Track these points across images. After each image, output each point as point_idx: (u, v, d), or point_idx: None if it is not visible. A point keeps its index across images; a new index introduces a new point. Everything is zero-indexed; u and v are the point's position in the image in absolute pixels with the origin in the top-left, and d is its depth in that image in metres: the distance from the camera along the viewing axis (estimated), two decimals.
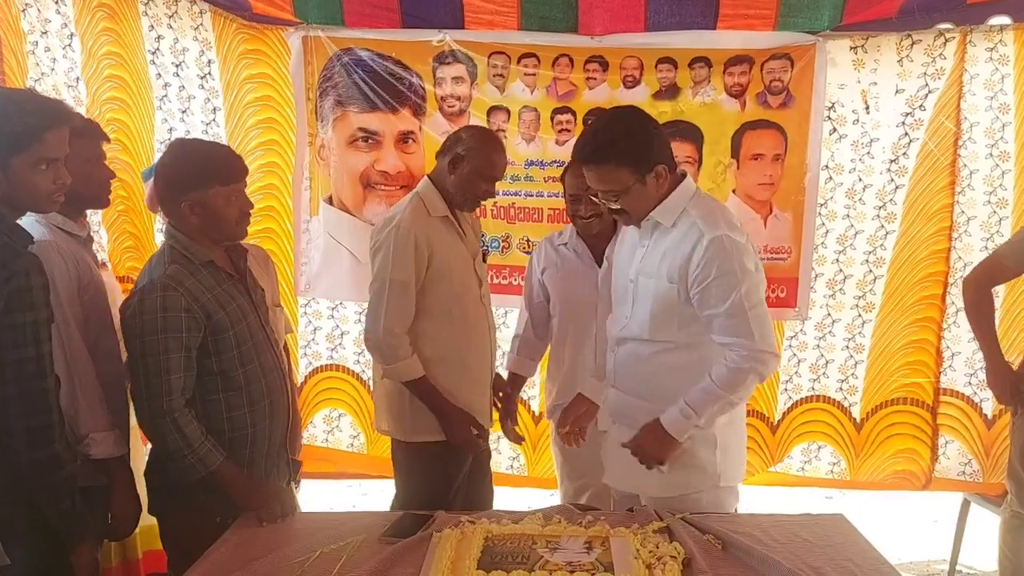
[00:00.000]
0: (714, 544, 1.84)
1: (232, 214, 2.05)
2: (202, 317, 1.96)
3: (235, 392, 2.04)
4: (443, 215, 2.54)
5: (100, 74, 3.07)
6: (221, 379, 2.02)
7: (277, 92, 3.43)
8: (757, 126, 3.36)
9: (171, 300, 1.92)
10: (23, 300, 1.69)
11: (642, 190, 2.02)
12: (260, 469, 2.11)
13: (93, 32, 3.04)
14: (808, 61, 3.29)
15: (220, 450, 1.98)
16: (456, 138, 2.56)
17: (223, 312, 2.01)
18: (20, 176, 1.73)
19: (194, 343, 1.96)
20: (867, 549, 1.85)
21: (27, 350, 1.69)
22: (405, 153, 3.44)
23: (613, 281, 2.30)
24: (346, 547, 1.85)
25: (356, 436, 3.70)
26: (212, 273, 2.05)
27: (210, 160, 2.05)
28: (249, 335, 2.07)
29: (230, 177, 2.04)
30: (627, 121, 2.05)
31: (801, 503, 3.52)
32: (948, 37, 3.22)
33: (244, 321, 2.07)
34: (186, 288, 1.96)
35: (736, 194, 3.40)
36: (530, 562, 1.71)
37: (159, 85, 3.28)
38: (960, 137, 3.29)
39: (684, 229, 2.04)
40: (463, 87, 3.38)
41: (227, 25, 3.30)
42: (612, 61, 3.33)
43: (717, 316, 2.02)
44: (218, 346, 2.00)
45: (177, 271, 1.97)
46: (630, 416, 2.16)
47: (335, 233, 3.49)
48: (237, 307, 2.06)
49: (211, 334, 1.99)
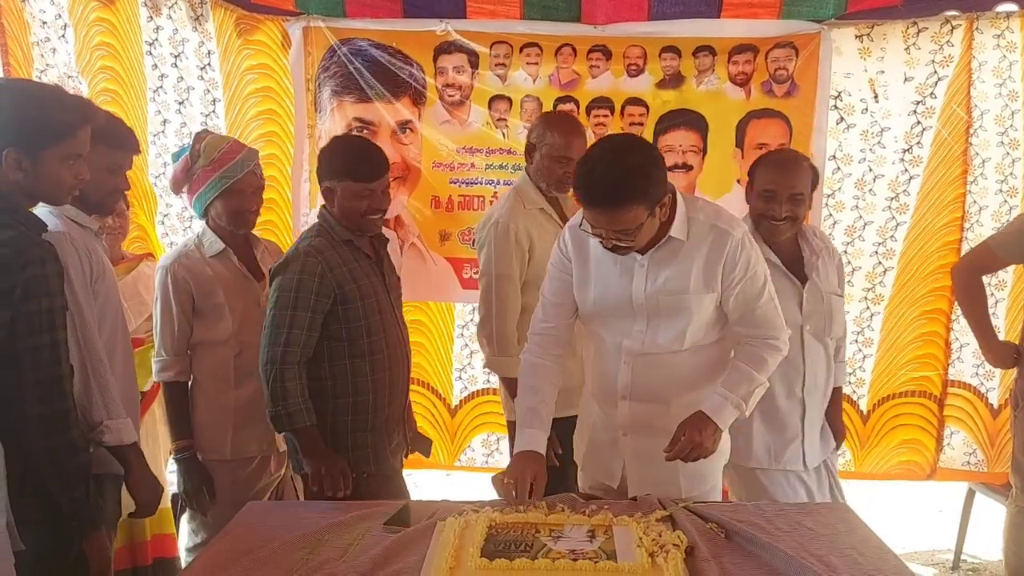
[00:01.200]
0: (717, 532, 1.82)
1: (359, 209, 2.26)
2: (334, 285, 2.21)
3: (360, 359, 2.27)
4: (539, 207, 2.62)
5: (93, 65, 3.05)
6: (348, 345, 2.26)
7: (277, 83, 3.41)
8: (762, 115, 3.35)
9: (309, 265, 2.19)
10: (39, 287, 1.69)
11: (652, 223, 1.94)
12: (381, 434, 2.33)
13: (86, 22, 3.02)
14: (813, 50, 3.27)
15: (311, 415, 2.19)
16: (530, 128, 2.69)
17: (354, 285, 2.24)
18: (48, 168, 1.77)
19: (323, 307, 2.20)
20: (871, 538, 1.84)
21: (43, 337, 1.70)
22: (401, 144, 3.42)
23: (600, 294, 2.09)
24: (350, 535, 1.84)
25: None
26: (351, 250, 2.29)
27: (350, 156, 2.28)
28: (378, 311, 2.29)
29: (362, 176, 2.24)
30: (634, 157, 1.90)
31: None
32: (955, 24, 3.20)
33: (374, 297, 2.29)
34: (324, 258, 2.21)
35: (741, 184, 3.38)
36: (533, 550, 1.70)
37: (155, 76, 3.26)
38: (971, 125, 3.27)
39: (703, 235, 2.00)
40: (464, 76, 3.36)
41: (227, 16, 3.29)
42: (615, 50, 3.32)
43: (757, 309, 2.02)
44: (347, 314, 2.23)
45: (320, 243, 2.24)
46: (650, 424, 2.09)
47: None
48: (369, 284, 2.29)
49: (341, 303, 2.22)
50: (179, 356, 2.44)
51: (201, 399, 2.47)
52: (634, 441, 2.13)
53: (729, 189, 3.36)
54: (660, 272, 2.02)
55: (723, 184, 3.39)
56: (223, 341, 2.44)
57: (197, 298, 2.42)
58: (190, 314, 2.43)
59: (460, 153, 3.43)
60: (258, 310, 2.45)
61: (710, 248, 1.99)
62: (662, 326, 2.04)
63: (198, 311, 2.43)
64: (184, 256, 2.44)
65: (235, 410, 2.46)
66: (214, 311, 2.43)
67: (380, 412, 2.32)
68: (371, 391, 2.29)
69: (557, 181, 2.61)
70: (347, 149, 2.34)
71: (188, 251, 2.46)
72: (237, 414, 2.46)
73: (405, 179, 3.44)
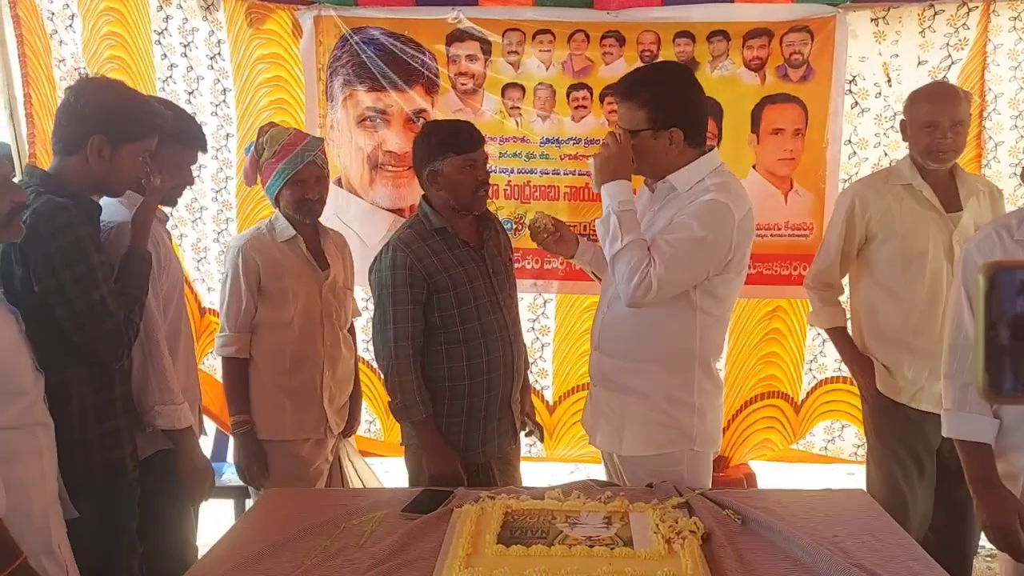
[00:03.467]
0: (733, 519, 1.82)
1: (468, 182, 2.29)
2: (423, 276, 2.26)
3: (455, 345, 2.32)
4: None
5: (101, 55, 3.07)
6: (442, 332, 2.31)
7: (288, 72, 3.40)
8: (777, 100, 3.31)
9: (398, 259, 2.26)
10: (76, 251, 1.82)
11: (652, 143, 2.04)
12: (478, 418, 2.36)
13: (95, 12, 3.04)
14: (828, 33, 3.23)
15: (428, 407, 2.28)
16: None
17: (445, 274, 2.28)
18: (124, 161, 1.94)
19: (419, 297, 2.27)
20: (888, 524, 1.84)
21: (94, 294, 1.84)
22: (414, 133, 3.40)
23: None
24: (367, 522, 1.86)
25: (372, 422, 3.69)
26: (444, 239, 2.32)
27: (447, 132, 2.33)
28: (473, 297, 2.32)
29: (465, 146, 2.28)
30: (666, 73, 2.13)
31: (823, 480, 3.50)
32: (971, 6, 3.15)
33: (469, 284, 2.32)
34: (412, 250, 2.27)
35: (756, 170, 3.35)
36: (550, 537, 1.71)
37: (164, 66, 3.26)
38: (985, 108, 3.23)
39: (695, 197, 2.03)
40: (476, 65, 3.34)
41: (238, 5, 3.27)
42: (629, 36, 3.28)
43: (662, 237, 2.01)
44: (439, 303, 2.29)
45: (409, 235, 2.31)
46: (610, 379, 2.19)
47: (343, 216, 3.39)
48: (463, 271, 2.32)
49: (433, 292, 2.28)
50: (241, 334, 2.51)
51: (257, 378, 2.54)
52: (596, 392, 2.24)
53: (745, 175, 3.33)
54: (659, 216, 2.09)
55: (737, 171, 3.31)
56: (284, 324, 2.51)
57: (264, 280, 2.50)
58: (256, 294, 2.50)
59: None
60: (320, 298, 2.56)
61: (689, 205, 2.02)
62: None
63: (263, 292, 2.51)
64: (256, 238, 2.53)
65: (290, 391, 2.54)
66: (279, 294, 2.50)
67: (477, 398, 2.35)
68: (467, 376, 2.33)
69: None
70: (442, 127, 2.42)
71: (260, 234, 2.55)
72: (291, 395, 2.54)
73: None
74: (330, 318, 2.61)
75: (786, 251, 3.37)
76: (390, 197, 3.44)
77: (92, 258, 1.85)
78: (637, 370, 2.13)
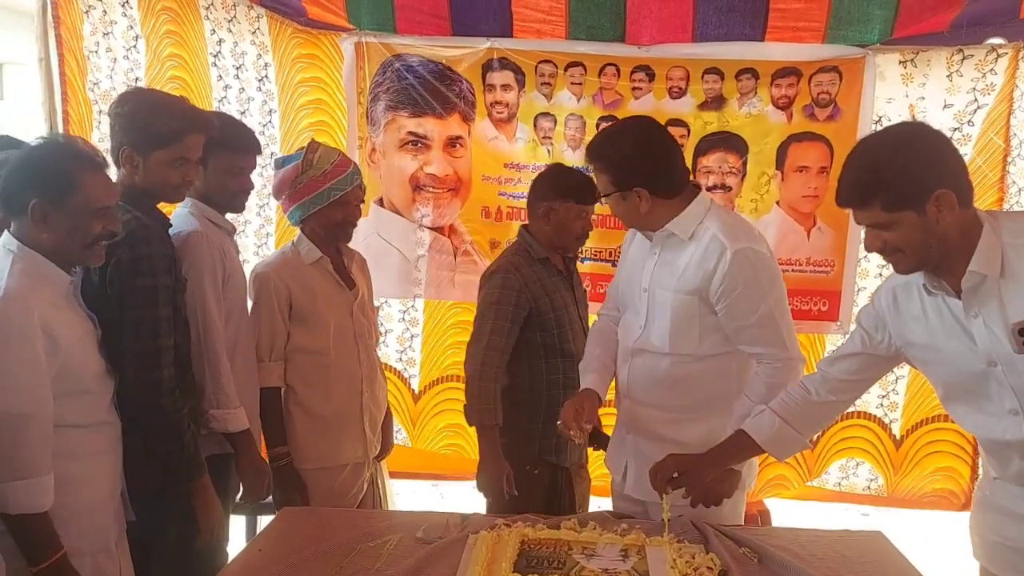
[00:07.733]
0: (750, 557, 1.85)
1: (576, 230, 2.52)
2: (529, 299, 2.46)
3: (554, 360, 2.51)
4: None
5: (164, 75, 3.19)
6: (544, 349, 2.51)
7: (329, 96, 3.50)
8: (803, 138, 3.35)
9: (509, 281, 2.46)
10: (144, 266, 1.90)
11: (624, 204, 2.07)
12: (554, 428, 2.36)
13: (157, 34, 3.15)
14: (857, 74, 3.28)
15: (498, 416, 2.42)
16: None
17: (547, 298, 2.49)
18: (156, 168, 2.00)
19: (520, 317, 2.46)
20: (906, 568, 1.85)
21: (144, 312, 1.90)
22: (453, 157, 3.50)
23: (622, 285, 2.29)
24: (383, 545, 1.89)
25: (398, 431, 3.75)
26: (545, 268, 2.54)
27: (574, 180, 2.53)
28: (568, 321, 2.53)
29: (586, 199, 2.48)
30: (624, 136, 2.10)
31: (837, 519, 3.50)
32: (1000, 53, 3.18)
33: (565, 310, 2.53)
34: (521, 274, 2.48)
35: (780, 206, 3.40)
36: (566, 568, 1.74)
37: (220, 87, 3.38)
38: (1009, 153, 3.25)
39: (704, 243, 2.03)
40: (511, 94, 3.42)
41: (283, 29, 3.38)
42: (658, 71, 3.35)
43: (747, 327, 2.03)
44: (542, 324, 2.49)
45: (518, 260, 2.52)
46: (648, 428, 2.18)
47: (385, 234, 3.55)
48: (560, 297, 2.53)
49: (536, 314, 2.48)
50: (276, 362, 2.44)
51: (296, 408, 2.48)
52: (634, 441, 2.22)
53: (768, 210, 3.37)
54: (666, 265, 2.11)
55: (761, 207, 3.40)
56: (320, 348, 2.46)
57: (296, 304, 2.43)
58: (287, 321, 2.44)
59: (508, 168, 3.49)
60: (350, 319, 2.53)
61: (703, 256, 2.03)
62: (656, 323, 2.12)
63: (296, 317, 2.44)
64: (283, 264, 2.47)
65: (330, 417, 2.49)
66: (312, 318, 2.45)
67: (553, 410, 2.31)
68: (545, 388, 2.51)
69: None
70: (571, 175, 2.60)
71: (286, 259, 2.49)
72: (332, 421, 2.49)
73: (458, 190, 3.53)
74: (363, 338, 2.57)
75: (808, 287, 3.41)
76: (431, 216, 3.55)
77: (160, 310, 1.92)
78: (678, 420, 2.13)
